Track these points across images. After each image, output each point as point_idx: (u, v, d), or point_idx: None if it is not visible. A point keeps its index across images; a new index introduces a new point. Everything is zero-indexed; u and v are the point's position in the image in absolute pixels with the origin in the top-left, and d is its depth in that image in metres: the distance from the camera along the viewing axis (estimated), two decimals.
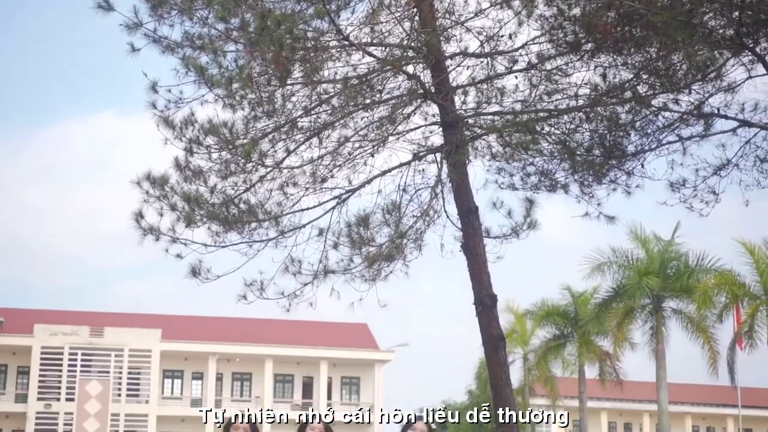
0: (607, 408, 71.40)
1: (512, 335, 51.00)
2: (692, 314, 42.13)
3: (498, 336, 16.76)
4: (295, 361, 65.54)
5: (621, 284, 43.17)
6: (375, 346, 67.20)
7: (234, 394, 65.14)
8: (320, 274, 17.37)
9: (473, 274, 16.92)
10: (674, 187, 15.77)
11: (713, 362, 42.03)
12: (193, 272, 16.84)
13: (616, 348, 44.87)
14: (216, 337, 63.58)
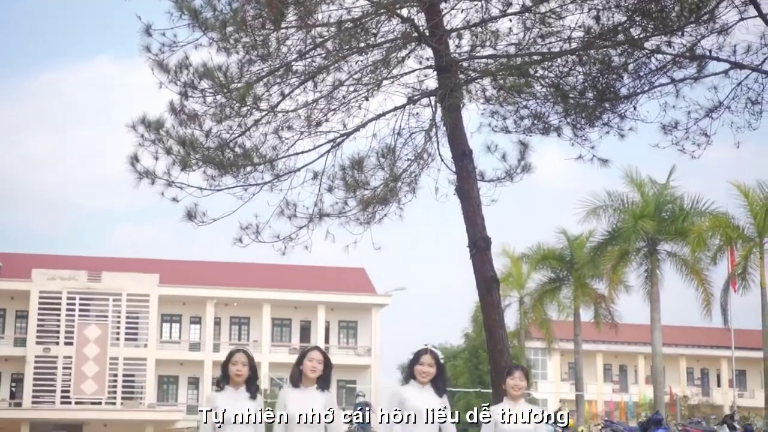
0: (603, 350, 72.01)
1: (508, 279, 51.30)
2: (686, 257, 42.38)
3: (491, 278, 16.92)
4: (293, 306, 65.91)
5: (616, 227, 43.36)
6: (372, 290, 67.55)
7: (232, 338, 65.54)
8: (315, 217, 17.49)
9: (467, 217, 17.05)
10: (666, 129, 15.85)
11: (707, 304, 42.36)
12: (188, 216, 16.97)
13: (611, 291, 45.19)
14: (214, 281, 63.88)
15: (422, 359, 8.43)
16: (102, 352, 60.58)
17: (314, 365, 8.29)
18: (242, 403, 8.18)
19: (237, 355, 8.33)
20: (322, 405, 8.25)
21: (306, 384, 8.31)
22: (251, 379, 8.33)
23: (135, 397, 61.82)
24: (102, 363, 60.54)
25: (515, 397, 8.69)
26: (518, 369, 8.92)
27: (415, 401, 8.29)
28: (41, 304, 60.51)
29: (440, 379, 8.44)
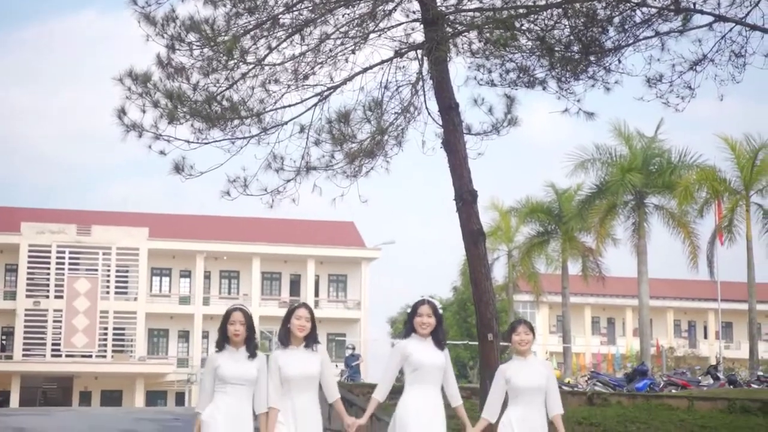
0: (590, 303, 72.46)
1: (497, 232, 51.49)
2: (674, 210, 42.58)
3: (477, 231, 17.07)
4: (283, 259, 66.09)
5: (604, 181, 43.48)
6: (362, 244, 67.72)
7: (222, 292, 65.75)
8: (302, 170, 17.60)
9: (454, 171, 17.17)
10: (651, 82, 15.92)
11: (694, 257, 42.63)
12: (176, 168, 17.05)
13: (598, 244, 45.37)
14: (203, 235, 63.95)
15: (420, 310, 8.42)
16: (92, 306, 60.78)
17: (302, 324, 8.24)
18: (242, 364, 8.15)
19: (234, 315, 8.26)
20: (317, 364, 8.24)
21: (295, 343, 8.27)
22: (249, 338, 8.28)
23: (125, 350, 62.11)
24: (92, 316, 60.76)
25: (523, 353, 8.54)
26: (521, 323, 8.71)
27: (419, 355, 8.26)
28: (31, 257, 60.56)
29: (440, 331, 8.42)
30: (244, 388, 8.09)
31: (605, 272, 47.33)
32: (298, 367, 8.16)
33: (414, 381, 8.25)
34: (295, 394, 8.13)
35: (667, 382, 34.13)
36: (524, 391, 8.32)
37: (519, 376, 8.35)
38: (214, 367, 8.16)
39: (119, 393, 61.49)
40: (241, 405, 8.07)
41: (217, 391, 8.15)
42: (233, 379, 8.08)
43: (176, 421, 25.91)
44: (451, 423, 8.51)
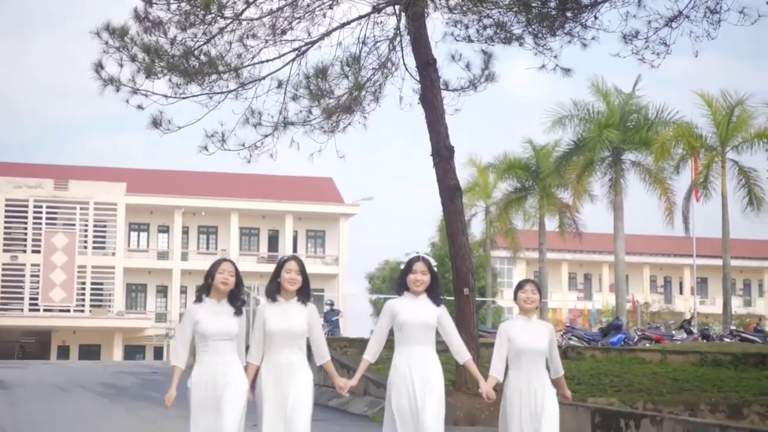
0: (567, 259, 72.93)
1: (475, 188, 51.57)
2: (650, 166, 42.74)
3: (454, 186, 17.18)
4: (261, 215, 66.12)
5: (581, 137, 43.55)
6: (340, 199, 67.79)
7: (200, 247, 65.81)
8: (280, 125, 17.65)
9: (431, 126, 17.24)
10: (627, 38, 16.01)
11: (669, 213, 42.90)
12: (154, 123, 17.08)
13: (575, 200, 45.54)
14: (181, 190, 63.84)
15: (415, 267, 8.08)
16: (70, 261, 60.72)
17: (292, 277, 7.85)
18: (224, 318, 7.76)
19: (224, 264, 7.87)
20: (304, 320, 7.86)
21: (285, 297, 7.90)
22: (236, 292, 7.87)
23: (103, 305, 62.15)
24: (70, 271, 60.72)
25: (528, 312, 8.25)
26: (529, 282, 8.43)
27: (406, 314, 7.94)
28: (8, 212, 60.35)
29: (435, 287, 8.09)
30: (227, 342, 7.71)
31: (582, 228, 47.56)
32: (282, 321, 7.77)
33: (401, 341, 7.96)
34: (276, 350, 7.75)
35: (641, 336, 34.56)
36: (526, 353, 8.06)
37: (521, 337, 8.09)
38: (193, 320, 7.72)
39: (97, 347, 61.66)
40: (227, 360, 7.67)
41: (199, 350, 7.74)
42: (215, 335, 7.66)
43: (155, 374, 26.08)
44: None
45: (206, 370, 7.62)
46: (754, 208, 40.39)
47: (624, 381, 17.90)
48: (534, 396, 7.95)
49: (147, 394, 19.88)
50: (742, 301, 73.33)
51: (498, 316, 63.69)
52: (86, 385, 21.56)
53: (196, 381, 7.62)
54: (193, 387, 7.62)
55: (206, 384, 7.58)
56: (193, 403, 7.59)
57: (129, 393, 20.15)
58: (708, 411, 14.99)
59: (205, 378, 7.59)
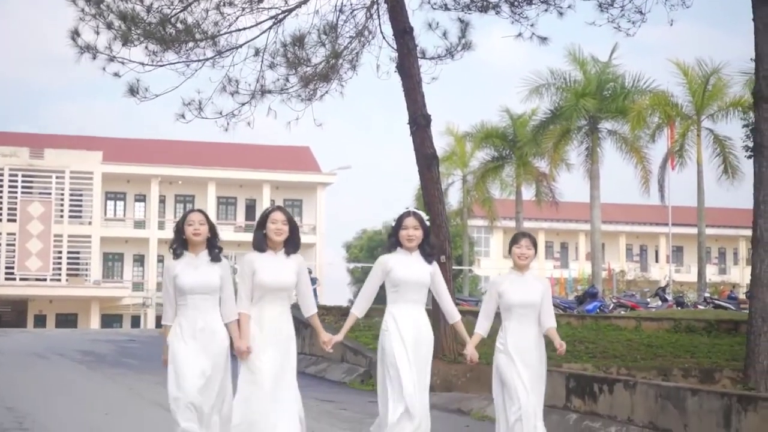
0: (544, 228, 73.18)
1: (452, 157, 51.65)
2: (626, 135, 42.98)
3: (431, 154, 17.26)
4: (238, 184, 66.01)
5: (558, 106, 43.66)
6: (317, 168, 67.73)
7: (177, 216, 65.45)
8: (257, 93, 17.67)
9: (408, 95, 17.28)
10: (603, 7, 16.08)
11: (645, 182, 43.20)
12: (131, 91, 17.05)
13: (552, 169, 45.76)
14: (158, 159, 63.61)
15: (406, 222, 7.81)
16: (46, 229, 60.48)
17: (278, 227, 7.60)
18: (204, 271, 7.49)
19: (192, 215, 7.58)
20: (293, 272, 7.64)
21: (273, 248, 7.64)
22: (211, 241, 7.58)
23: (80, 274, 62.00)
24: (46, 240, 60.50)
25: (522, 267, 8.04)
26: (525, 237, 8.16)
27: (401, 271, 7.74)
28: None
29: (427, 243, 7.85)
30: (208, 298, 7.43)
31: (559, 197, 47.80)
32: (273, 273, 7.54)
33: (395, 299, 7.76)
34: (265, 304, 7.56)
35: (616, 304, 34.85)
36: (517, 307, 7.87)
37: (513, 292, 7.90)
38: (171, 276, 7.49)
39: (74, 316, 61.56)
40: (207, 317, 7.41)
41: (179, 306, 7.47)
42: (194, 289, 7.39)
43: (132, 342, 26.14)
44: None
45: (185, 326, 7.37)
46: (729, 177, 40.74)
47: (599, 347, 18.10)
48: (526, 352, 7.81)
49: (125, 362, 19.96)
50: (717, 269, 73.92)
51: (474, 285, 63.99)
52: (64, 352, 21.62)
53: (176, 335, 7.39)
54: (172, 342, 7.37)
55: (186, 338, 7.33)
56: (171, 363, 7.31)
57: (107, 360, 20.21)
58: (681, 376, 15.20)
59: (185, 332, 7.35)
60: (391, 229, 7.95)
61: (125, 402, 13.32)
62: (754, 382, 12.66)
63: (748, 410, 9.29)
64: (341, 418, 12.37)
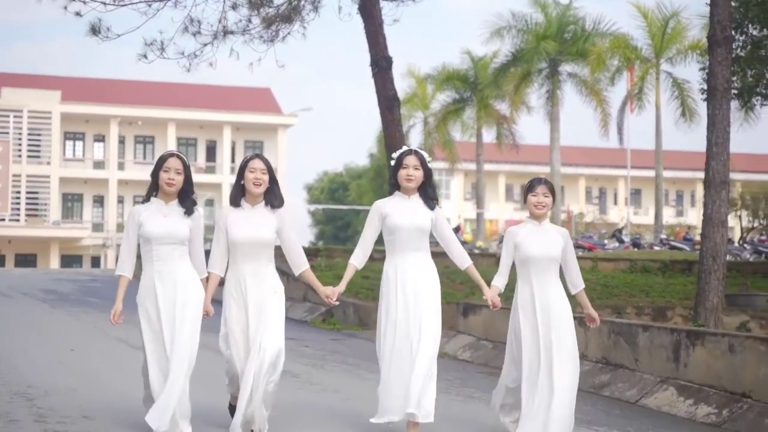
0: (505, 171, 73.54)
1: (413, 99, 51.73)
2: (586, 78, 43.31)
3: (392, 96, 17.45)
4: (199, 125, 65.72)
5: (519, 49, 43.84)
6: (278, 110, 67.56)
7: (137, 157, 65.32)
8: (219, 34, 17.68)
9: (369, 37, 17.41)
10: None
11: (605, 124, 43.61)
12: (92, 30, 17.00)
13: (513, 111, 46.05)
14: (118, 99, 63.13)
15: (406, 161, 7.20)
16: (4, 169, 60.01)
17: (257, 176, 7.02)
18: (173, 219, 6.93)
19: (171, 161, 6.95)
20: (271, 228, 7.06)
21: (251, 202, 7.09)
22: (186, 192, 7.01)
23: (39, 214, 61.72)
24: (4, 180, 60.07)
25: (539, 217, 7.37)
26: (541, 183, 7.44)
27: (396, 217, 7.17)
28: None
29: (429, 186, 7.26)
30: (176, 248, 6.90)
31: (519, 140, 48.12)
32: (246, 229, 7.01)
33: (393, 248, 7.22)
34: (242, 262, 7.03)
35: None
36: (536, 261, 7.22)
37: (530, 243, 7.25)
38: (137, 222, 6.90)
39: (33, 257, 61.38)
40: (175, 267, 6.89)
41: (144, 257, 6.95)
42: (160, 237, 6.84)
43: (95, 281, 26.26)
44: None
45: (152, 281, 6.86)
46: (686, 120, 41.20)
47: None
48: (546, 310, 7.16)
49: (88, 300, 20.13)
50: (674, 211, 74.79)
51: None
52: (27, 291, 21.73)
53: (145, 295, 6.90)
54: (141, 303, 6.90)
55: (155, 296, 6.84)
56: (142, 320, 6.85)
57: (70, 299, 20.35)
58: (634, 314, 15.62)
59: (154, 289, 6.84)
60: (391, 170, 7.36)
61: (90, 339, 13.53)
62: (703, 319, 13.06)
63: (696, 345, 9.66)
64: (303, 354, 12.65)
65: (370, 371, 11.52)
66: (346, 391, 9.70)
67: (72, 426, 7.26)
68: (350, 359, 12.61)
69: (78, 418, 7.55)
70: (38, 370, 10.09)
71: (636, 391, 10.14)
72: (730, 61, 13.81)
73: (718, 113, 13.41)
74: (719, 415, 8.98)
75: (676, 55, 42.07)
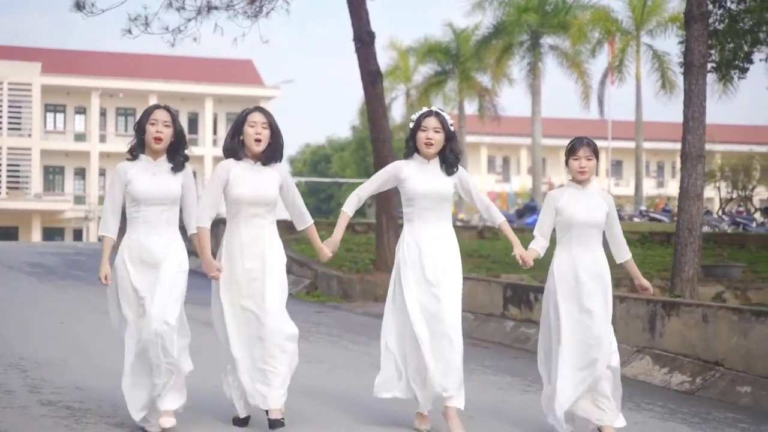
0: (486, 143, 73.76)
1: (395, 72, 51.83)
2: (567, 50, 43.56)
3: (375, 71, 17.62)
4: (180, 97, 65.53)
5: (501, 21, 44.01)
6: (260, 82, 67.49)
7: (118, 129, 65.22)
8: (203, 9, 17.78)
9: (352, 12, 17.55)
10: None
11: (586, 96, 43.93)
12: (77, 6, 17.08)
13: (494, 84, 46.26)
14: (98, 71, 62.91)
15: (426, 123, 6.69)
16: None
17: (258, 131, 6.45)
18: (161, 178, 6.36)
19: (157, 112, 6.41)
20: (276, 184, 6.52)
21: (251, 156, 6.52)
22: (175, 147, 6.43)
23: (20, 186, 61.61)
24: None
25: (582, 182, 6.81)
26: (583, 145, 6.79)
27: (416, 182, 6.66)
28: None
29: (450, 151, 6.73)
30: (166, 209, 6.34)
31: (501, 112, 48.30)
32: (252, 185, 6.42)
33: (412, 216, 6.71)
34: (244, 221, 6.47)
35: None
36: (578, 227, 6.72)
37: (573, 207, 6.73)
38: (123, 181, 6.33)
39: (15, 229, 61.29)
40: (161, 230, 6.34)
41: (130, 219, 6.37)
42: (150, 198, 6.28)
43: (80, 255, 26.39)
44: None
45: (136, 244, 6.30)
46: (666, 92, 41.57)
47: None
48: (586, 277, 6.73)
49: (74, 273, 20.27)
50: (655, 182, 75.23)
51: None
52: (13, 264, 21.86)
53: (124, 258, 6.32)
54: (119, 266, 6.33)
55: (135, 260, 6.28)
56: (119, 286, 6.32)
57: (56, 272, 20.50)
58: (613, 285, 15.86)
59: (137, 252, 6.29)
60: (408, 133, 6.83)
61: (78, 311, 13.72)
62: (679, 290, 13.35)
63: (671, 315, 9.94)
64: None
65: (353, 342, 11.80)
66: (332, 362, 9.93)
67: (66, 396, 7.48)
68: (335, 331, 12.86)
69: (71, 388, 7.77)
70: (29, 343, 10.30)
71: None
72: (706, 37, 14.03)
73: (695, 88, 13.65)
74: (693, 383, 9.27)
75: (656, 28, 42.37)
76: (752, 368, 8.80)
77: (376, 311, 15.42)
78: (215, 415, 6.95)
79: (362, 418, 7.16)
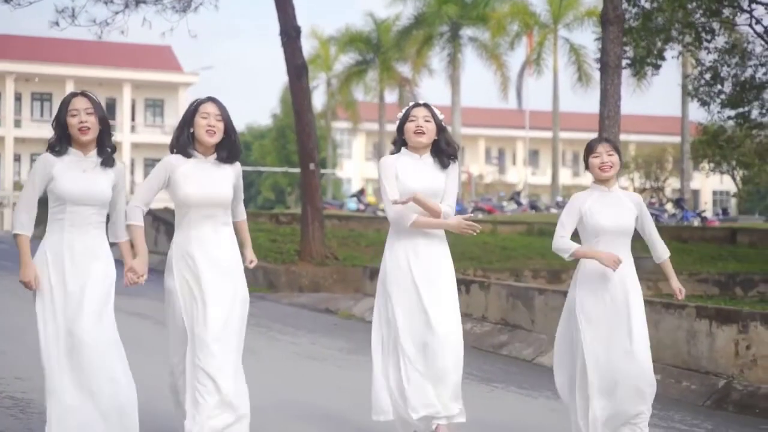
0: None
1: (316, 61, 52.08)
2: (487, 42, 44.21)
3: (301, 65, 17.91)
4: (98, 83, 64.74)
5: (421, 12, 44.52)
6: (179, 68, 67.09)
7: (34, 115, 64.28)
8: (131, 3, 17.87)
9: (279, 6, 17.80)
10: None
11: (504, 87, 44.66)
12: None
13: (415, 74, 46.82)
14: (13, 55, 61.92)
15: (415, 112, 6.20)
16: None
17: (211, 123, 5.76)
18: (94, 176, 5.50)
19: (76, 101, 5.51)
20: (230, 183, 5.82)
21: (201, 152, 5.79)
22: (103, 136, 5.57)
23: None
24: None
25: (606, 180, 6.14)
26: (601, 142, 6.21)
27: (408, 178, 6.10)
28: None
29: (446, 143, 6.18)
30: (94, 213, 5.49)
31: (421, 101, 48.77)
32: (202, 184, 5.71)
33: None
34: (196, 223, 5.72)
35: (474, 207, 36.29)
36: (607, 234, 6.05)
37: (600, 213, 6.06)
38: (47, 176, 5.45)
39: None
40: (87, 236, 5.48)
41: (53, 219, 5.48)
42: (78, 198, 5.43)
43: (2, 243, 26.16)
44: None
45: (58, 246, 5.45)
46: (583, 84, 42.50)
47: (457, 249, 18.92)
48: (616, 289, 6.07)
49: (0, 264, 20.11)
50: (571, 172, 76.43)
51: (338, 188, 64.97)
52: None
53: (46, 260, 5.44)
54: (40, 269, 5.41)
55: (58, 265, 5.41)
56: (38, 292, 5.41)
57: None
58: (531, 277, 16.44)
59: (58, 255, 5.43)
60: (397, 126, 6.34)
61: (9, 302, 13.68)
62: None
63: None
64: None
65: (281, 333, 12.10)
66: (261, 354, 10.14)
67: (7, 387, 7.64)
68: (262, 321, 13.06)
69: (11, 379, 7.92)
70: None
71: (532, 350, 10.87)
72: (621, 39, 14.60)
73: (610, 88, 14.21)
74: None
75: (573, 22, 43.25)
76: (661, 358, 9.30)
77: (302, 301, 15.77)
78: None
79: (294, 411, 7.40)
